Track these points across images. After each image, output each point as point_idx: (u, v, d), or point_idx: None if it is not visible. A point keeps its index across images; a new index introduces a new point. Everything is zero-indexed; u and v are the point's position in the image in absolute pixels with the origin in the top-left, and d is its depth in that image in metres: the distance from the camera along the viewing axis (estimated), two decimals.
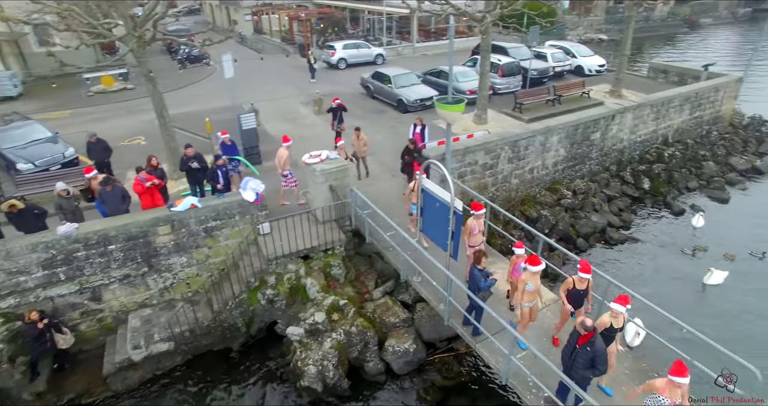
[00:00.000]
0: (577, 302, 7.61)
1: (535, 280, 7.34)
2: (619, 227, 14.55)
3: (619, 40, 38.45)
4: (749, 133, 21.16)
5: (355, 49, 26.43)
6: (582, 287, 7.41)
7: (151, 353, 9.76)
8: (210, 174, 10.95)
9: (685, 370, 5.49)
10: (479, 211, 8.48)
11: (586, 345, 6.04)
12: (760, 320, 11.34)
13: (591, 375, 6.15)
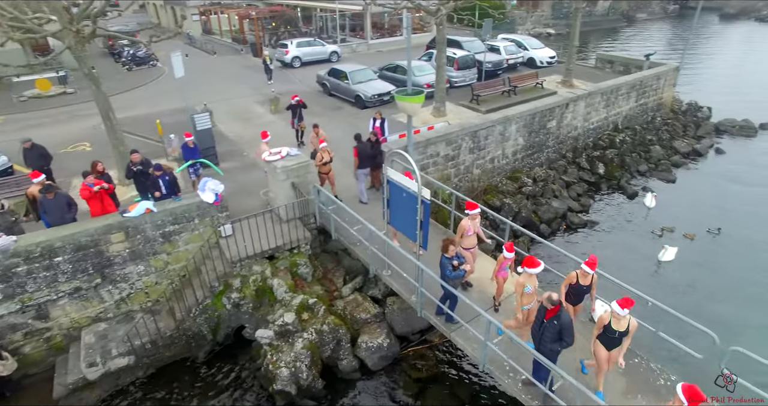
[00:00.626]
0: (577, 298, 7.36)
1: (533, 281, 7.03)
2: (579, 211, 15.00)
3: (565, 34, 40.01)
4: (688, 118, 22.37)
5: (309, 47, 26.02)
6: (585, 282, 7.15)
7: (109, 369, 9.17)
8: (151, 183, 10.26)
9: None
10: (474, 210, 8.15)
11: (553, 319, 6.16)
12: (711, 291, 11.97)
13: (558, 348, 6.28)
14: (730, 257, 13.34)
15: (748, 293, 11.98)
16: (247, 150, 14.93)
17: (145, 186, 10.73)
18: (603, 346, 6.37)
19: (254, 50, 29.33)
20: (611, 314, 6.17)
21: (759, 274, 12.65)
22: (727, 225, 14.47)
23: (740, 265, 13.01)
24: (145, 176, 10.56)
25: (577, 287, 7.18)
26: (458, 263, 7.44)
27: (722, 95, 26.47)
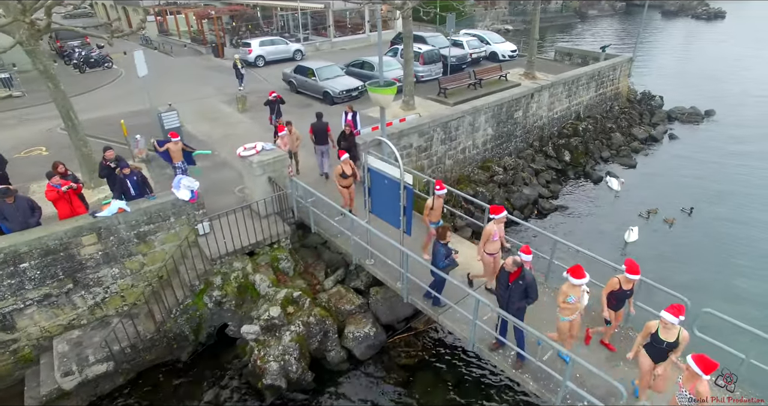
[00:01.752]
0: (620, 303, 7.02)
1: (577, 292, 6.55)
2: (549, 197, 15.52)
3: (522, 30, 41.22)
4: (643, 107, 23.55)
5: (272, 46, 25.69)
6: (628, 287, 6.83)
7: (87, 377, 8.80)
8: (117, 184, 9.85)
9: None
10: (500, 214, 7.77)
11: (517, 280, 6.50)
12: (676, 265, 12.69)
13: (525, 305, 6.71)
14: (701, 232, 14.29)
15: (725, 264, 12.93)
16: (218, 149, 14.62)
17: (117, 185, 10.32)
18: (649, 357, 6.02)
19: (215, 50, 28.71)
20: (659, 322, 5.81)
21: (726, 245, 13.61)
22: (691, 203, 15.41)
23: (707, 238, 13.96)
24: (117, 175, 10.16)
25: (620, 292, 6.84)
26: (455, 253, 7.59)
27: (671, 85, 28.08)
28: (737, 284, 12.16)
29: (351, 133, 12.15)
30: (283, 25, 33.16)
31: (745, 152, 19.61)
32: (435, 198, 8.74)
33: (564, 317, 6.67)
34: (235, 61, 20.52)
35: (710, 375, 5.04)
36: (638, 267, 6.64)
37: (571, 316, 6.66)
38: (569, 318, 6.67)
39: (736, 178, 17.54)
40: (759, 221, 14.87)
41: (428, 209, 8.82)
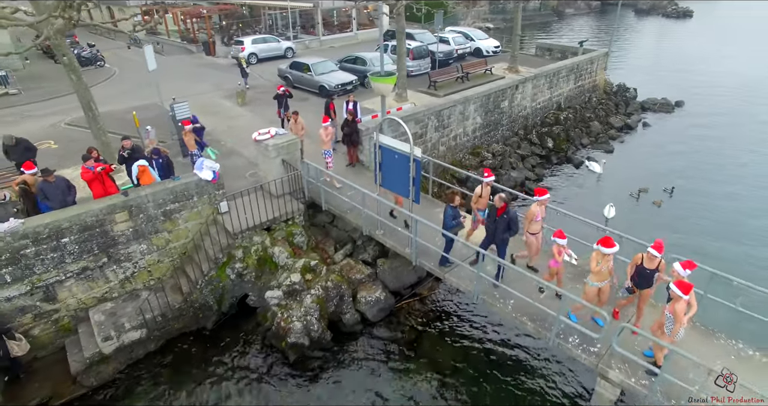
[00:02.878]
0: (643, 280, 7.24)
1: (607, 262, 7.11)
2: (535, 180, 16.74)
3: (503, 28, 42.72)
4: (618, 98, 25.10)
5: (264, 44, 26.45)
6: (651, 266, 7.09)
7: (123, 343, 9.61)
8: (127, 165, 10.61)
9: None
10: (543, 196, 8.13)
11: (503, 215, 7.85)
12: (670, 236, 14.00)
13: (509, 236, 8.06)
14: (684, 208, 15.72)
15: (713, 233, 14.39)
16: (224, 139, 15.44)
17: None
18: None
19: (207, 49, 29.30)
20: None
21: (709, 217, 15.20)
22: (669, 184, 16.83)
23: (691, 212, 15.44)
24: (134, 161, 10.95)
25: (641, 268, 7.15)
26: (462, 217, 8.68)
27: (644, 78, 29.88)
28: (724, 248, 13.59)
29: (353, 120, 13.15)
30: (271, 24, 33.91)
31: (711, 138, 21.32)
32: (483, 186, 9.14)
33: (592, 282, 7.34)
34: (240, 60, 21.34)
35: (687, 295, 6.19)
36: (662, 246, 6.97)
37: (600, 282, 7.29)
38: (599, 284, 7.31)
39: (705, 160, 19.12)
40: (732, 194, 16.57)
41: (477, 197, 9.19)
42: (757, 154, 19.78)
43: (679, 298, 6.22)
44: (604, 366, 7.19)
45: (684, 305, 6.28)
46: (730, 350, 7.46)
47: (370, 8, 34.27)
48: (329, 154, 12.10)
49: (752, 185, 17.24)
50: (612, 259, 7.17)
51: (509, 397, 8.95)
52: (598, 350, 7.43)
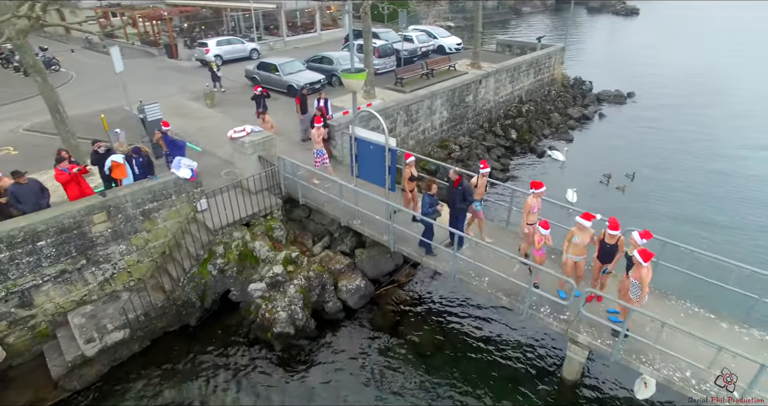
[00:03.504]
0: (605, 255, 7.74)
1: (583, 236, 7.65)
2: (501, 169, 17.48)
3: (463, 27, 43.83)
4: (575, 90, 26.39)
5: (229, 45, 26.33)
6: (610, 241, 7.59)
7: (106, 344, 9.60)
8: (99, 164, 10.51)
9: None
10: (539, 189, 8.50)
11: (458, 186, 8.65)
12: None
13: (465, 206, 8.91)
14: (646, 191, 16.88)
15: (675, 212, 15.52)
16: (196, 140, 15.45)
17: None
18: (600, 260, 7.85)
19: (169, 52, 28.87)
20: (604, 231, 7.56)
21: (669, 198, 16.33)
22: (627, 169, 17.89)
23: (652, 195, 16.58)
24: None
25: (603, 243, 7.68)
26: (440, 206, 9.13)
27: (598, 71, 31.46)
28: (681, 225, 14.72)
29: (323, 116, 13.49)
30: (234, 26, 33.68)
31: (662, 125, 22.87)
32: (479, 177, 9.55)
33: (570, 254, 7.83)
34: (211, 64, 21.10)
35: (648, 262, 6.81)
36: (618, 225, 7.46)
37: (576, 256, 7.77)
38: (574, 257, 7.80)
39: (658, 146, 20.49)
40: (685, 177, 17.90)
41: (472, 187, 9.43)
42: (702, 140, 21.32)
43: (641, 265, 6.86)
44: (573, 331, 7.82)
45: (648, 272, 6.92)
46: (680, 309, 8.26)
47: (333, 8, 34.57)
48: (321, 153, 12.09)
49: (701, 168, 18.59)
50: (590, 235, 7.72)
51: (488, 371, 9.48)
52: (567, 318, 8.06)
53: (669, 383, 7.05)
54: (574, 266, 8.07)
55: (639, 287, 6.97)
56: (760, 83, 30.99)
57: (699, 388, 6.89)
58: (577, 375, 8.65)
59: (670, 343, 7.20)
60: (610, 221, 7.56)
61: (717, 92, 28.69)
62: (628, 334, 7.06)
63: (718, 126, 23.19)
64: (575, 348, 7.96)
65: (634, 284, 7.05)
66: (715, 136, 21.97)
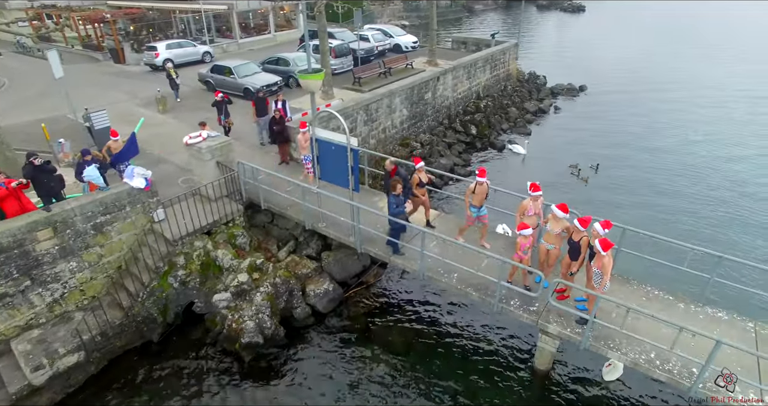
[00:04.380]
0: (572, 252, 7.78)
1: (555, 225, 7.81)
2: (463, 165, 17.66)
3: (418, 25, 44.14)
4: (530, 85, 27.04)
5: (180, 49, 25.40)
6: (576, 238, 7.65)
7: (58, 370, 8.97)
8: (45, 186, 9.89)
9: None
10: (537, 191, 8.36)
11: (395, 176, 9.14)
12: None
13: (403, 197, 9.08)
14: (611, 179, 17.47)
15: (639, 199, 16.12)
16: (149, 148, 14.77)
17: (47, 187, 10.22)
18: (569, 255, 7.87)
19: (115, 56, 27.59)
20: (572, 227, 7.61)
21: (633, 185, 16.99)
22: (585, 159, 18.46)
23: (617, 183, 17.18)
24: (47, 175, 10.14)
25: (570, 240, 7.77)
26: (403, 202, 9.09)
27: (551, 66, 32.42)
28: (645, 208, 15.38)
29: (281, 118, 13.20)
30: (184, 29, 32.58)
31: (614, 116, 23.91)
32: (477, 185, 9.17)
33: (544, 240, 7.91)
34: (169, 70, 19.51)
35: (607, 252, 6.97)
36: (587, 220, 7.56)
37: (547, 242, 7.90)
38: (546, 244, 7.92)
39: (612, 135, 21.44)
40: (643, 164, 18.66)
41: (470, 192, 9.30)
42: (651, 127, 22.38)
43: (601, 254, 7.01)
44: (543, 322, 7.92)
45: (609, 260, 7.09)
46: (641, 293, 8.54)
47: (287, 9, 34.01)
48: (308, 159, 11.40)
49: (653, 154, 19.46)
50: (562, 225, 7.85)
51: (462, 366, 9.50)
52: (537, 309, 8.17)
53: (635, 366, 7.25)
54: (546, 254, 8.20)
55: (601, 275, 7.15)
56: (697, 73, 32.97)
57: (663, 368, 7.11)
58: (549, 364, 8.79)
59: (634, 327, 7.41)
60: (579, 220, 7.65)
61: (660, 83, 30.21)
62: (596, 321, 7.20)
63: (663, 114, 24.49)
64: (546, 338, 8.08)
65: (597, 272, 7.22)
66: (662, 122, 23.18)
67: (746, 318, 8.11)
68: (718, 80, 31.10)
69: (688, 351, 6.87)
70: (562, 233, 7.95)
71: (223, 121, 14.80)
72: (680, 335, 6.71)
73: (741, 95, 27.80)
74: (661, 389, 8.76)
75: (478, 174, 9.17)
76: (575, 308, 7.92)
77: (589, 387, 8.94)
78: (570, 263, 7.96)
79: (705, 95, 27.78)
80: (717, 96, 27.73)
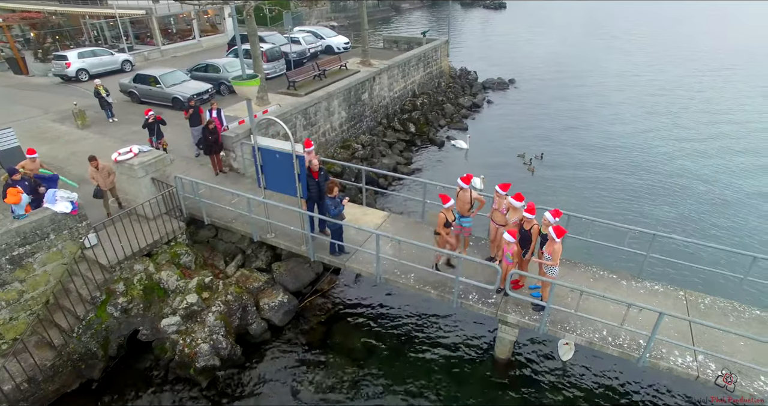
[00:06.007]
0: (522, 241, 7.94)
1: (514, 214, 8.07)
2: (405, 163, 17.81)
3: (347, 26, 44.02)
4: (463, 81, 27.80)
5: (95, 57, 23.56)
6: (526, 227, 7.84)
7: None
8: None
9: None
10: (505, 191, 8.50)
11: (319, 178, 9.21)
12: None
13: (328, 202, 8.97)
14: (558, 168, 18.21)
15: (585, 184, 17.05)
16: (69, 167, 13.59)
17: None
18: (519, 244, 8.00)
19: (15, 66, 25.13)
20: (522, 219, 7.81)
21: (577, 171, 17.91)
22: (524, 148, 19.18)
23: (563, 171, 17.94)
24: None
25: (521, 229, 7.94)
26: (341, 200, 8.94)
27: (480, 61, 33.61)
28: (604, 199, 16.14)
29: (215, 128, 12.62)
30: (97, 36, 30.34)
31: (544, 106, 25.20)
32: (460, 190, 8.94)
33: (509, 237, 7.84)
34: (97, 87, 16.91)
35: (560, 239, 7.29)
36: (533, 208, 7.77)
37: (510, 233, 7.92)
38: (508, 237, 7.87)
39: (545, 123, 22.59)
40: (581, 152, 19.67)
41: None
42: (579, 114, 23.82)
43: (554, 241, 7.31)
44: (502, 313, 8.12)
45: (560, 247, 7.39)
46: (588, 274, 9.01)
47: (211, 13, 32.64)
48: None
49: (585, 139, 20.76)
50: (519, 213, 8.00)
51: (424, 364, 9.54)
52: (495, 301, 8.36)
53: (590, 344, 7.62)
54: (496, 231, 8.59)
55: (551, 260, 7.45)
56: (610, 61, 35.67)
57: (615, 343, 7.53)
58: (509, 353, 9.04)
59: (586, 308, 7.78)
60: (528, 206, 7.87)
61: (579, 72, 32.39)
62: (552, 307, 7.48)
63: (586, 98, 26.44)
64: (505, 328, 8.29)
65: (547, 257, 7.51)
66: (586, 107, 24.98)
67: (678, 288, 8.81)
68: (629, 66, 33.99)
69: (635, 324, 7.32)
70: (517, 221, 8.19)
71: (155, 143, 13.64)
72: (628, 313, 7.13)
73: (649, 77, 30.75)
74: (615, 363, 9.29)
75: (462, 179, 8.84)
76: (531, 296, 8.19)
77: (548, 369, 9.30)
78: (520, 250, 8.21)
79: (619, 80, 30.24)
80: (629, 80, 30.52)
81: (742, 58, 36.54)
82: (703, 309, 8.19)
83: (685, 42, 43.56)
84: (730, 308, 8.21)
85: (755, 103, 26.11)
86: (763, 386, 6.76)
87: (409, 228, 10.37)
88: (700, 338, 7.48)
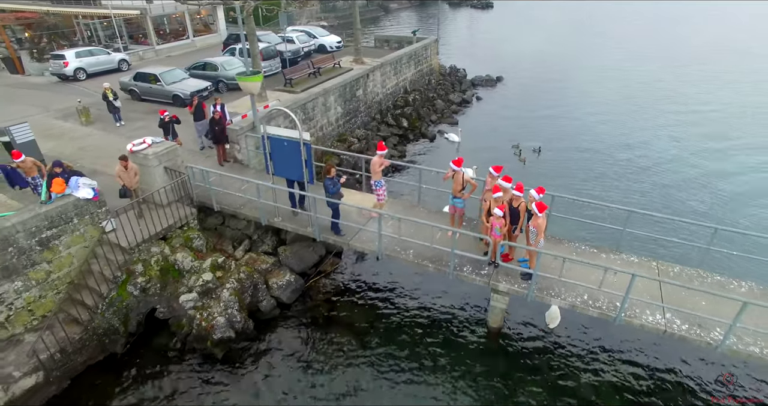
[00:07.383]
0: (512, 216, 8.66)
1: (505, 195, 8.71)
2: (399, 156, 18.63)
3: (337, 25, 44.80)
4: (452, 78, 28.74)
5: (92, 57, 24.02)
6: (515, 204, 8.56)
7: (14, 394, 8.63)
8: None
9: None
10: (498, 172, 9.22)
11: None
12: None
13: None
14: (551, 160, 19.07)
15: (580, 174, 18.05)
16: (79, 161, 14.17)
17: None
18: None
19: (11, 66, 25.48)
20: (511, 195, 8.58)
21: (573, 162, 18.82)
22: (516, 141, 20.12)
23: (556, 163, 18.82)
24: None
25: (510, 206, 8.61)
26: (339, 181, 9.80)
27: (469, 59, 34.62)
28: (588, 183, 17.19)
29: (220, 119, 13.33)
30: (90, 36, 30.73)
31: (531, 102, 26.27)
32: (453, 173, 9.73)
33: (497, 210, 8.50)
34: (105, 91, 16.57)
35: (543, 213, 8.12)
36: (521, 186, 8.55)
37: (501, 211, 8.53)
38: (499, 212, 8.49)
39: (533, 118, 23.60)
40: (563, 142, 20.68)
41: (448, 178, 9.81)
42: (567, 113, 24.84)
43: (537, 216, 8.17)
44: (494, 282, 8.98)
45: (544, 221, 8.26)
46: (572, 249, 9.90)
47: (204, 13, 33.18)
48: (380, 185, 10.90)
49: (573, 131, 21.88)
50: (509, 194, 8.76)
51: (423, 336, 10.36)
52: (487, 272, 9.22)
53: (573, 307, 8.51)
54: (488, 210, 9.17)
55: (536, 233, 8.31)
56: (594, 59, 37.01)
57: (594, 306, 8.43)
58: (501, 322, 9.91)
59: (569, 276, 8.66)
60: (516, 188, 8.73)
61: (566, 69, 33.59)
62: (538, 274, 8.35)
63: (572, 95, 27.55)
64: (497, 296, 9.14)
65: (533, 231, 8.38)
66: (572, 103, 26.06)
67: (651, 259, 9.75)
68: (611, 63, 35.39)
69: (611, 288, 8.23)
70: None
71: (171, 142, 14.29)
72: (605, 277, 8.03)
73: (630, 73, 32.09)
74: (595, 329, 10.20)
75: (454, 162, 9.60)
76: (519, 266, 9.07)
77: (537, 336, 10.19)
78: (509, 227, 9.07)
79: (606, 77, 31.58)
80: (611, 75, 31.91)
81: (724, 55, 38.21)
82: (672, 276, 9.14)
83: (670, 40, 45.14)
84: (695, 275, 9.16)
85: (723, 94, 27.92)
86: (717, 336, 7.72)
87: (406, 210, 11.18)
88: (668, 299, 8.42)
